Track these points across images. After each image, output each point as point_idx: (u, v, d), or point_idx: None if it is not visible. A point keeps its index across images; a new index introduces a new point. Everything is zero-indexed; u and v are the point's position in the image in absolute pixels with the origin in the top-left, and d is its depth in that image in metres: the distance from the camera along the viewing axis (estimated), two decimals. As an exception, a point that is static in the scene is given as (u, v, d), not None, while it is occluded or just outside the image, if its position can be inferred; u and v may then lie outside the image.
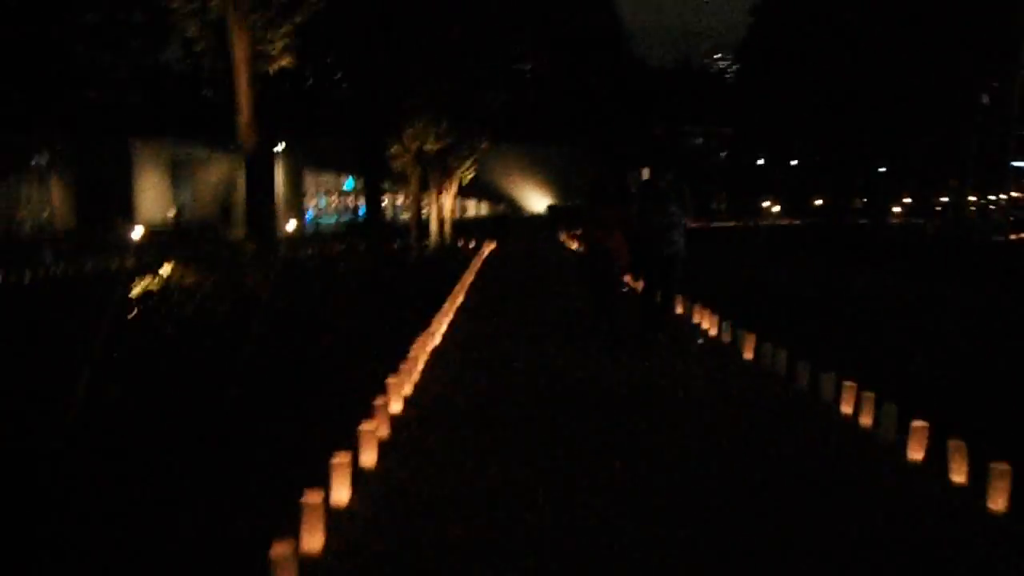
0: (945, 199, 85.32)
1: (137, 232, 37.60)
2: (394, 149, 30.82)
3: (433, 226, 38.36)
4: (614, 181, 12.70)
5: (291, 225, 45.09)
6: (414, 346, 11.34)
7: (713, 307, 15.07)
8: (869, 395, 8.48)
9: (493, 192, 77.10)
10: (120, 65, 60.55)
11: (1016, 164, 69.80)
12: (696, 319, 15.67)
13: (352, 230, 52.32)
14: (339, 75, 32.89)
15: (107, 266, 27.47)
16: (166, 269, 13.59)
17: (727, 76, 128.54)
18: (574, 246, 41.25)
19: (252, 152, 13.37)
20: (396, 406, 9.05)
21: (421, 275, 25.51)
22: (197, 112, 62.72)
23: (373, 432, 7.32)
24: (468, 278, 24.55)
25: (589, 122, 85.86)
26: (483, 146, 41.64)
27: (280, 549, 4.79)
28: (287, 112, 53.08)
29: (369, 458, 7.17)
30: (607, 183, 12.64)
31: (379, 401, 8.27)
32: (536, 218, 73.72)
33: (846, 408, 8.84)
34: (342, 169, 65.64)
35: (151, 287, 13.10)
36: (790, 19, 76.73)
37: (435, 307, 15.63)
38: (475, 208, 78.81)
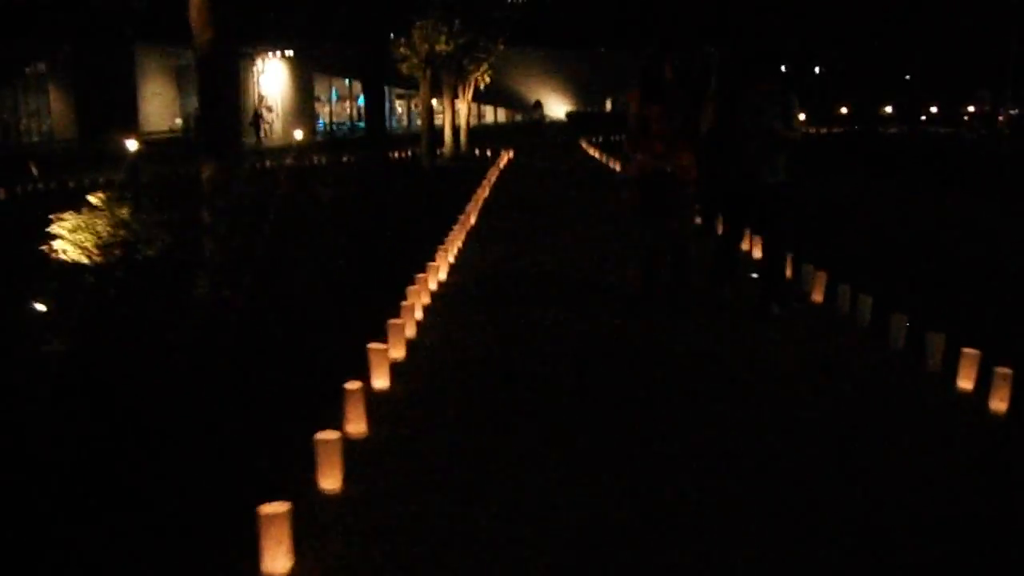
0: (971, 108, 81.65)
1: (132, 145, 34.76)
2: (401, 50, 27.87)
3: (447, 134, 35.50)
4: (675, 72, 9.06)
5: (299, 134, 42.14)
6: (407, 296, 9.27)
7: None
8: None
9: (511, 98, 73.56)
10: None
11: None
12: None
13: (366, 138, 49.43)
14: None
15: (92, 181, 25.26)
16: (95, 199, 10.87)
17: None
18: (601, 159, 38.28)
19: (205, 50, 10.52)
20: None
21: (428, 191, 22.86)
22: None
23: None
24: (482, 194, 21.97)
25: (609, 28, 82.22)
26: (499, 47, 38.53)
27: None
28: (292, 12, 50.19)
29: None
30: (663, 74, 9.04)
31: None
32: (556, 124, 70.24)
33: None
34: (357, 75, 62.38)
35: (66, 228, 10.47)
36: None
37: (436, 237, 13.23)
38: (492, 114, 75.35)
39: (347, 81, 63.97)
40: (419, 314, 9.64)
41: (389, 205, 18.28)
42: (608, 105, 78.99)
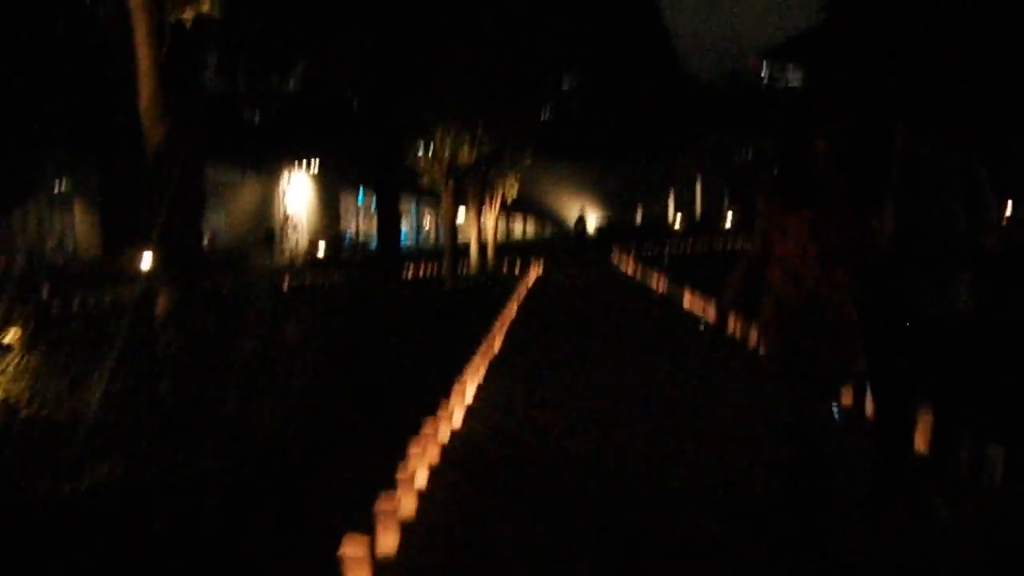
0: None
1: (147, 261, 32.69)
2: (422, 160, 26.05)
3: (472, 249, 33.57)
4: (835, 153, 6.00)
5: (321, 250, 40.38)
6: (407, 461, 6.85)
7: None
8: None
9: (540, 209, 71.97)
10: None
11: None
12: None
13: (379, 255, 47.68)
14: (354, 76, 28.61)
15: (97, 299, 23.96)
16: (11, 335, 8.76)
17: (775, 85, 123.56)
18: (636, 275, 36.04)
19: (157, 147, 8.50)
20: None
21: (448, 313, 20.77)
22: (229, 133, 59.40)
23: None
24: (508, 315, 19.92)
25: (636, 136, 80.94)
26: (527, 158, 36.76)
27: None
28: (319, 128, 49.00)
29: None
30: (814, 160, 6.04)
31: None
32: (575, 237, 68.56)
33: None
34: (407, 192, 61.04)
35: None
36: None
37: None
38: (521, 226, 73.68)
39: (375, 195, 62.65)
40: (421, 480, 7.41)
41: (398, 332, 16.02)
42: (639, 214, 77.22)
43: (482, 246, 34.41)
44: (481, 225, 34.77)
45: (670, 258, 43.30)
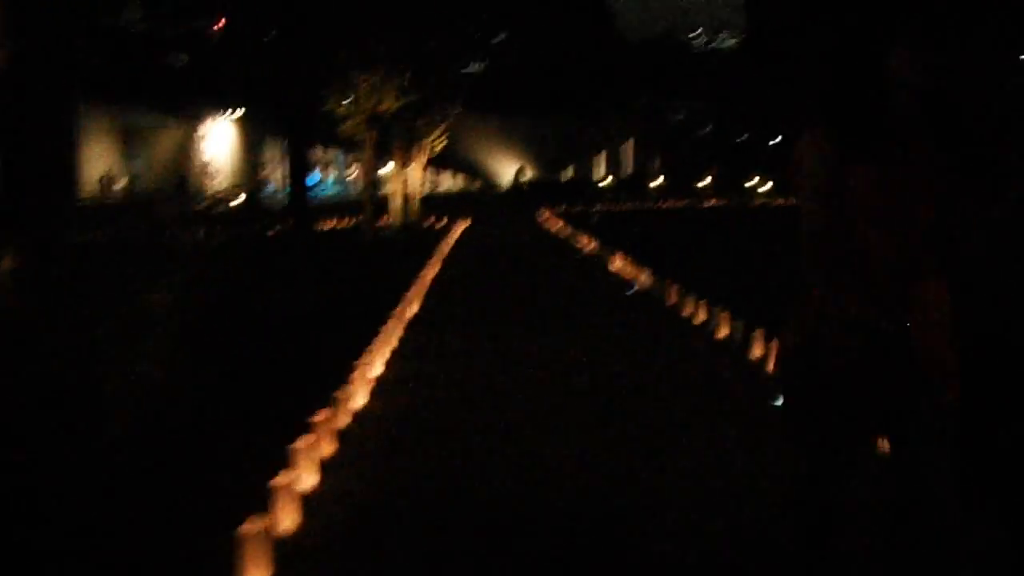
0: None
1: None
2: (343, 107, 24.45)
3: (395, 203, 32.08)
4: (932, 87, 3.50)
5: (240, 199, 38.68)
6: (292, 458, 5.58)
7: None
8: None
9: (467, 164, 70.49)
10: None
11: None
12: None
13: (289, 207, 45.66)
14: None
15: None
16: None
17: (712, 50, 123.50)
18: (565, 232, 34.93)
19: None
20: None
21: (363, 271, 19.45)
22: (150, 76, 57.15)
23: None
24: (430, 273, 18.70)
25: (568, 94, 79.68)
26: (456, 111, 35.30)
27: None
28: (244, 73, 47.00)
29: None
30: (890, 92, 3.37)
31: None
32: (513, 192, 67.09)
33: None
34: (316, 140, 58.79)
35: None
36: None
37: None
38: (450, 181, 72.16)
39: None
40: (313, 479, 6.18)
41: (300, 292, 14.67)
42: (570, 172, 76.06)
43: (405, 199, 32.96)
44: (405, 178, 33.31)
45: (598, 216, 42.30)
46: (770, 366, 8.86)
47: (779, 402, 3.81)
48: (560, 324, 13.63)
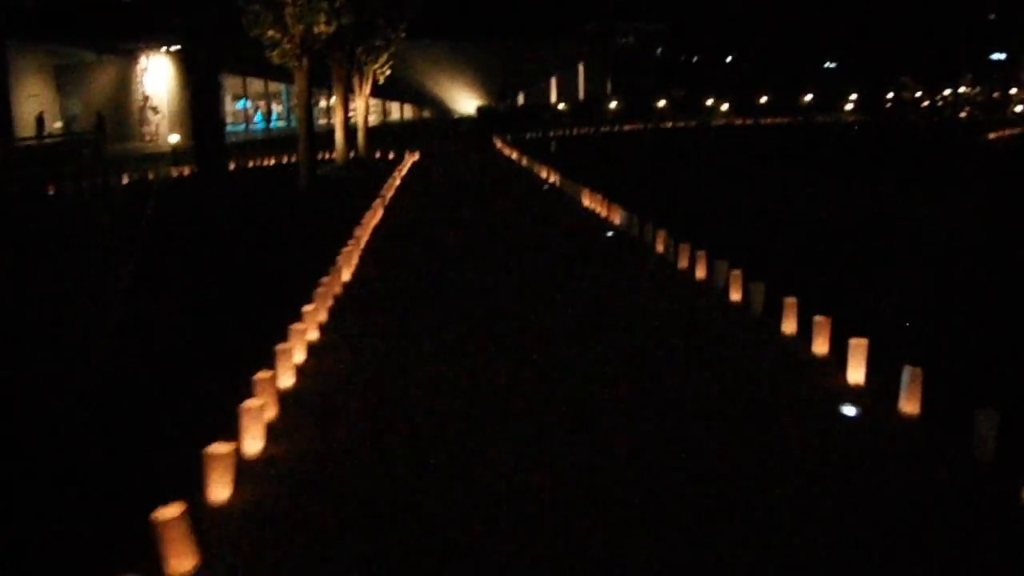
0: (890, 96, 77.43)
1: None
2: (270, 33, 21.25)
3: (338, 136, 29.01)
4: None
5: (175, 137, 35.34)
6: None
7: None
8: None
9: (417, 93, 66.86)
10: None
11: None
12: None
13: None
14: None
15: None
16: None
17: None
18: (521, 162, 32.05)
19: None
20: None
21: (295, 219, 16.67)
22: (80, 12, 53.13)
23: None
24: (372, 220, 15.94)
25: (516, 18, 76.01)
26: (399, 36, 32.09)
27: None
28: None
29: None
30: None
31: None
32: (466, 121, 63.64)
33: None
34: (270, 74, 54.58)
35: None
36: None
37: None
38: (399, 111, 68.57)
39: (263, 80, 56.51)
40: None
41: (216, 250, 11.90)
42: (520, 99, 72.69)
43: (349, 133, 29.81)
44: (347, 109, 30.17)
45: (556, 142, 39.26)
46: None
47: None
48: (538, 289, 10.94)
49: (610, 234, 15.01)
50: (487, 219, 17.92)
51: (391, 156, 34.57)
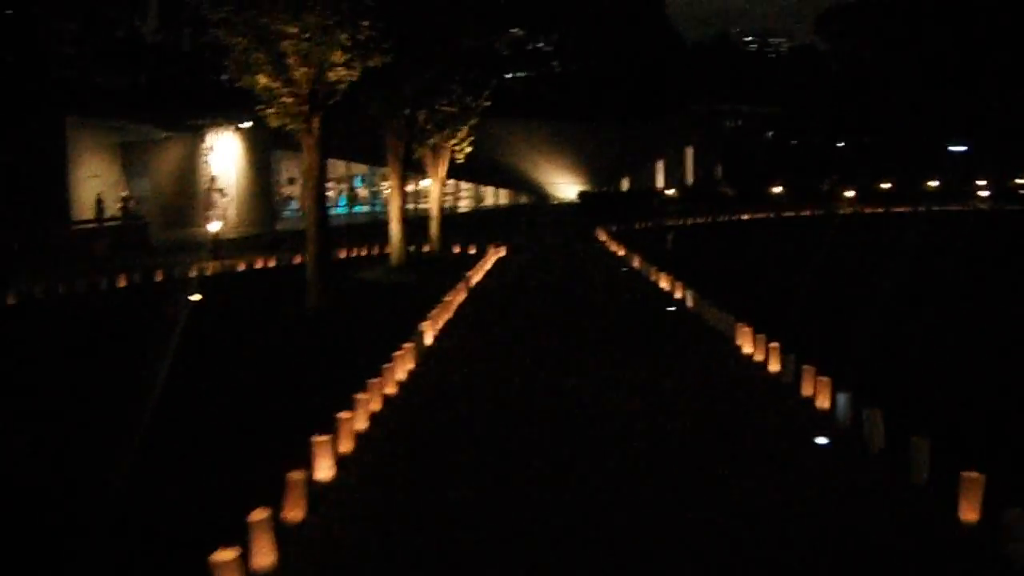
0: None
1: None
2: (263, 81, 13.09)
3: (393, 229, 21.18)
4: None
5: (215, 226, 27.87)
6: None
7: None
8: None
9: (513, 177, 58.88)
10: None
11: None
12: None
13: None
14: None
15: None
16: None
17: (768, 54, 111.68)
18: (620, 255, 23.88)
19: None
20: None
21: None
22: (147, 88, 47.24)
23: None
24: (360, 421, 7.56)
25: (622, 99, 68.24)
26: (480, 103, 24.25)
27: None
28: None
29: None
30: None
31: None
32: (566, 208, 55.40)
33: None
34: (353, 156, 47.12)
35: None
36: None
37: None
38: (493, 196, 60.60)
39: (345, 162, 49.22)
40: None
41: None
42: (625, 183, 64.36)
43: (408, 224, 21.86)
44: (403, 193, 22.17)
45: (673, 239, 30.68)
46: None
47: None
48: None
49: (823, 441, 6.93)
50: (595, 387, 9.73)
51: (472, 250, 26.49)
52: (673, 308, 15.21)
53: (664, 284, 17.94)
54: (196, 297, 13.88)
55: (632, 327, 13.59)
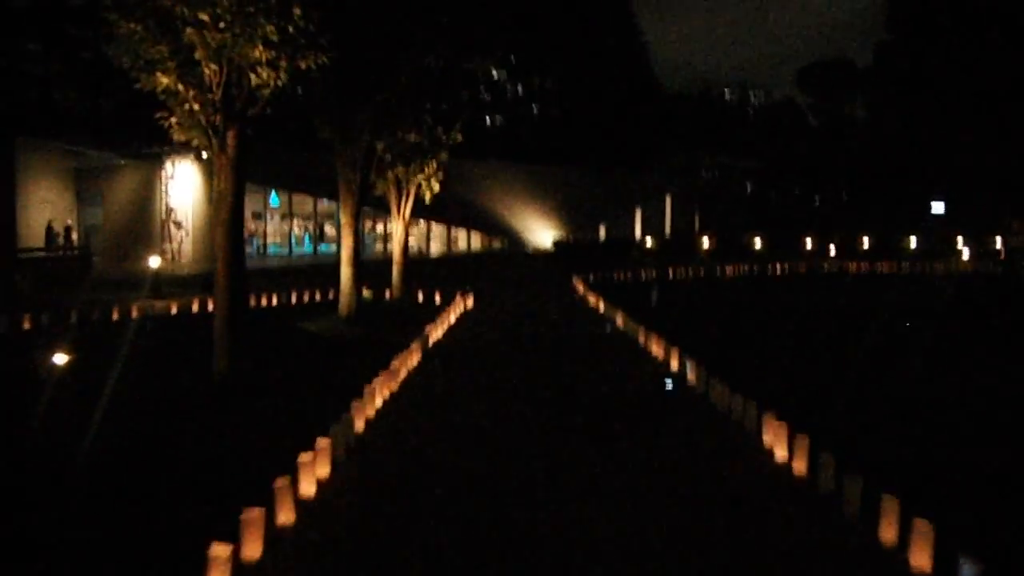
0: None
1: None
2: (164, 81, 9.98)
3: (343, 273, 18.12)
4: None
5: (155, 261, 24.71)
6: None
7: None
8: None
9: (486, 220, 55.74)
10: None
11: None
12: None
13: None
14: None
15: None
16: None
17: (748, 107, 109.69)
18: (601, 311, 21.05)
19: None
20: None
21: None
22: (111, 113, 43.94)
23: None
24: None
25: (601, 146, 65.59)
26: (453, 136, 21.34)
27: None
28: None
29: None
30: None
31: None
32: (540, 255, 52.34)
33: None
34: (318, 191, 43.83)
35: None
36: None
37: None
38: (465, 240, 57.51)
39: (310, 196, 45.90)
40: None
41: None
42: (602, 232, 61.48)
43: (354, 267, 18.59)
44: (357, 232, 18.91)
45: (656, 291, 27.58)
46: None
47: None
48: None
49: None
50: (575, 522, 6.60)
51: (438, 299, 23.36)
52: (670, 386, 12.15)
53: (656, 350, 14.91)
54: (62, 358, 10.62)
55: (622, 413, 10.50)
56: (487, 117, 63.60)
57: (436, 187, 23.11)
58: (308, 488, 6.92)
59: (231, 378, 10.66)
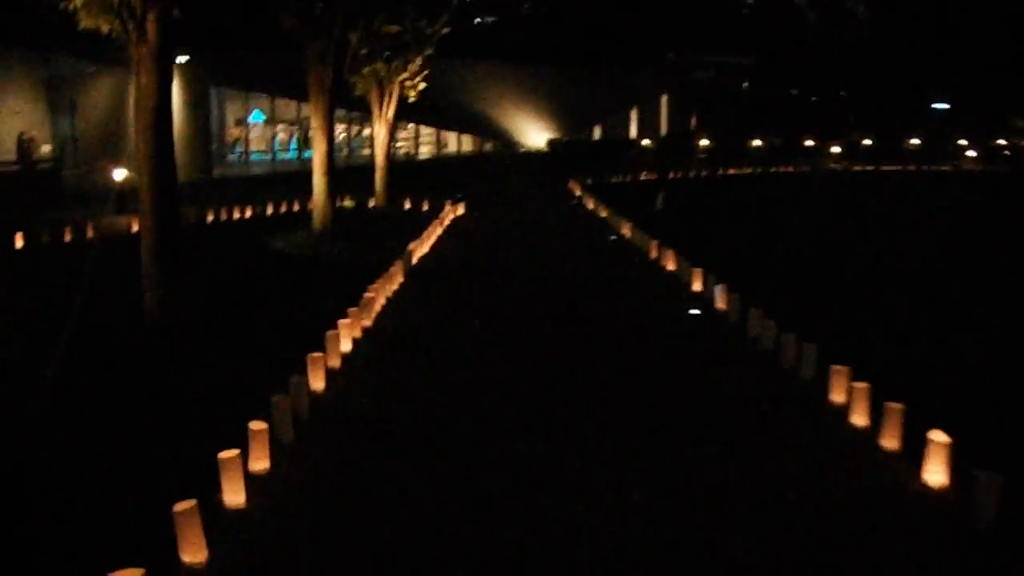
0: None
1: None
2: None
3: (316, 181, 15.98)
4: None
5: (120, 173, 22.49)
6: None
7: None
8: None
9: (477, 122, 53.11)
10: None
11: None
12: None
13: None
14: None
15: None
16: None
17: (744, 8, 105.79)
18: (601, 216, 19.05)
19: None
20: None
21: None
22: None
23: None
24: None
25: (594, 44, 62.60)
26: (437, 29, 19.03)
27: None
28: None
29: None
30: None
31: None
32: (535, 157, 49.93)
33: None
34: (303, 95, 41.17)
35: None
36: None
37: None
38: (456, 143, 54.93)
39: (288, 99, 43.28)
40: None
41: None
42: (597, 132, 58.93)
43: (329, 173, 16.28)
44: (330, 135, 16.60)
45: (662, 193, 25.33)
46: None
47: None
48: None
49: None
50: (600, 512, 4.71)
51: (426, 207, 21.24)
52: (697, 312, 10.17)
53: (671, 265, 12.91)
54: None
55: (643, 351, 8.51)
56: (477, 19, 60.60)
57: (421, 86, 20.85)
58: (232, 497, 4.91)
59: (164, 320, 8.52)
